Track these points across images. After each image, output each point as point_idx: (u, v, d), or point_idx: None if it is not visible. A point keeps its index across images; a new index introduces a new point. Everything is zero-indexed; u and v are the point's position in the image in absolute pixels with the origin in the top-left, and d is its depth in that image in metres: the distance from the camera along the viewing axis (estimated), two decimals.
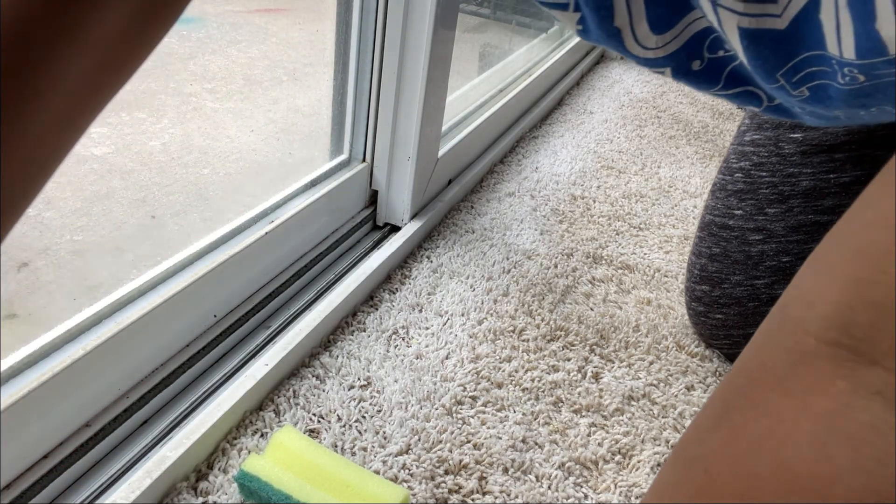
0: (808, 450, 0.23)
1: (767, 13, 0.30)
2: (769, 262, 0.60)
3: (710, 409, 0.29)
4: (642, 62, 0.39)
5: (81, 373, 0.43)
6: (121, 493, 0.40)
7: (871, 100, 0.31)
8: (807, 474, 0.23)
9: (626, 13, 0.36)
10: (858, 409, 0.23)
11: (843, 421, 0.23)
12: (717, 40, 0.37)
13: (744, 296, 0.61)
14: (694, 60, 0.39)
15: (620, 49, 0.39)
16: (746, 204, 0.61)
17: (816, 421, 0.24)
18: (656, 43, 0.37)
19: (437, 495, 0.47)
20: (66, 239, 0.72)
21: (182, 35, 1.47)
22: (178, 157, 0.94)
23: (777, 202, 0.59)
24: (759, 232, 0.60)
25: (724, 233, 0.62)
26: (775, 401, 0.25)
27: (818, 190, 0.58)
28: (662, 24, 0.36)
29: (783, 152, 0.59)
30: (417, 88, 0.68)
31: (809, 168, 0.58)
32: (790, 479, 0.24)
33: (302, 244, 0.66)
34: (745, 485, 0.25)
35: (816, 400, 0.24)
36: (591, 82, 1.48)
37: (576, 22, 0.39)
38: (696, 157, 1.14)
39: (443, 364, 0.58)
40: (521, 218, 0.85)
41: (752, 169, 0.61)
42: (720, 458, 0.27)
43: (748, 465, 0.25)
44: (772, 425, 0.25)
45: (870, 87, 0.29)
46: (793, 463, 0.24)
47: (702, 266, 0.64)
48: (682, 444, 0.30)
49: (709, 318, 0.64)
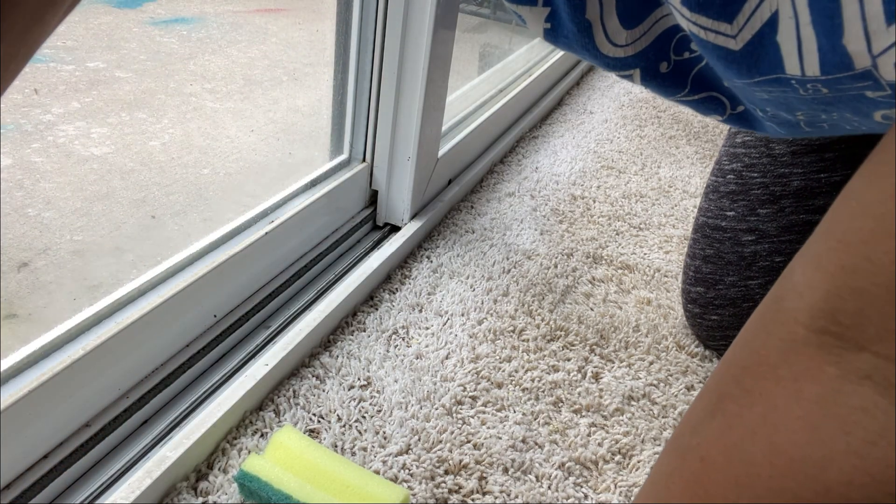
0: (800, 434, 0.24)
1: (720, 31, 0.29)
2: (762, 263, 0.60)
3: (704, 399, 0.30)
4: (611, 64, 0.39)
5: (81, 373, 0.43)
6: (121, 493, 0.40)
7: (833, 108, 0.31)
8: (800, 458, 0.24)
9: (597, 5, 0.36)
10: (848, 393, 0.23)
11: (834, 406, 0.24)
12: (684, 40, 0.37)
13: (738, 296, 0.61)
14: (662, 62, 0.39)
15: (590, 48, 0.38)
16: (738, 205, 0.61)
17: (808, 407, 0.24)
18: (626, 39, 0.37)
19: (437, 495, 0.47)
20: (66, 239, 0.72)
21: (182, 35, 1.47)
22: (178, 157, 0.94)
23: (769, 203, 0.59)
24: (751, 233, 0.60)
25: (717, 234, 0.62)
26: (768, 388, 0.26)
27: (809, 189, 0.58)
28: (632, 18, 0.37)
29: (774, 153, 0.59)
30: (417, 88, 0.68)
31: (800, 168, 0.58)
32: (784, 464, 0.24)
33: (302, 244, 0.66)
34: (741, 471, 0.25)
35: (807, 386, 0.25)
36: (591, 82, 1.48)
37: (544, 18, 0.39)
38: (696, 157, 1.14)
39: (443, 364, 0.58)
40: (521, 218, 0.85)
41: (744, 170, 0.61)
42: (715, 446, 0.27)
43: (743, 452, 0.26)
44: (765, 412, 0.26)
45: (832, 98, 0.29)
46: (787, 447, 0.24)
47: (696, 268, 0.64)
48: (677, 434, 0.30)
49: (705, 320, 0.64)
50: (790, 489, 0.24)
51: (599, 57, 0.39)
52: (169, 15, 1.60)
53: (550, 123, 1.20)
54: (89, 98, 1.08)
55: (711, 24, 0.29)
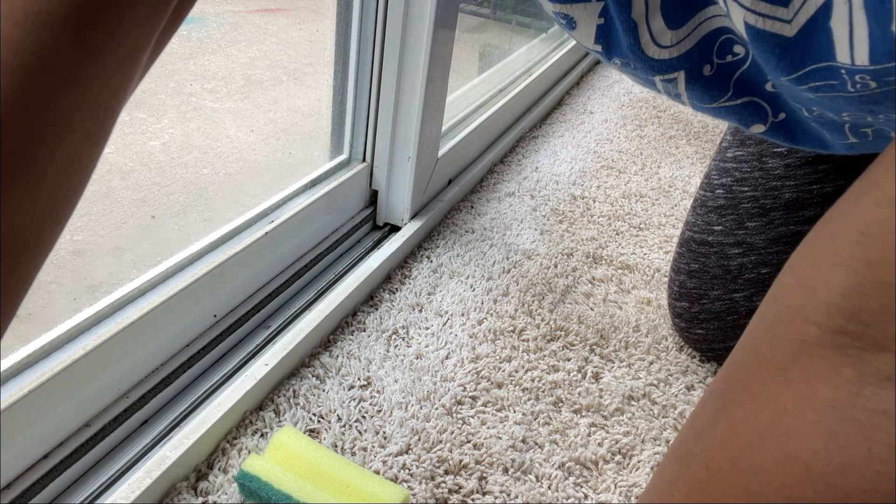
0: (816, 441, 0.23)
1: (777, 17, 0.29)
2: (748, 275, 0.60)
3: (707, 405, 0.29)
4: (656, 67, 0.39)
5: (81, 373, 0.43)
6: (121, 493, 0.40)
7: (880, 107, 0.30)
8: (817, 465, 0.23)
9: (643, 4, 0.36)
10: (868, 396, 0.22)
11: (853, 409, 0.22)
12: (727, 42, 0.37)
13: (723, 310, 0.61)
14: (705, 64, 0.38)
15: (635, 50, 0.38)
16: (726, 219, 0.61)
17: (823, 411, 0.23)
18: (671, 40, 0.38)
19: (437, 495, 0.47)
20: (66, 239, 0.72)
21: (182, 35, 1.47)
22: (178, 157, 0.94)
23: (758, 215, 0.59)
24: (738, 246, 0.60)
25: (703, 248, 0.62)
26: (776, 392, 0.25)
27: (800, 201, 0.58)
28: (677, 18, 0.37)
29: (766, 167, 0.59)
30: (417, 88, 0.68)
31: (793, 180, 0.58)
32: (800, 471, 0.23)
33: (302, 244, 0.66)
34: (750, 479, 0.24)
35: (821, 389, 0.23)
36: (591, 82, 1.48)
37: (598, 13, 0.39)
38: (696, 157, 1.14)
39: (443, 364, 0.58)
40: (521, 218, 0.85)
41: (734, 184, 0.61)
42: (720, 454, 0.26)
43: (751, 459, 0.25)
44: (773, 418, 0.25)
45: (879, 94, 0.29)
46: (801, 454, 0.23)
47: (681, 283, 0.64)
48: (679, 441, 0.30)
49: (691, 334, 0.64)
50: (807, 498, 0.23)
51: (644, 60, 0.39)
52: None
53: (550, 123, 1.20)
54: None
55: (769, 9, 0.29)
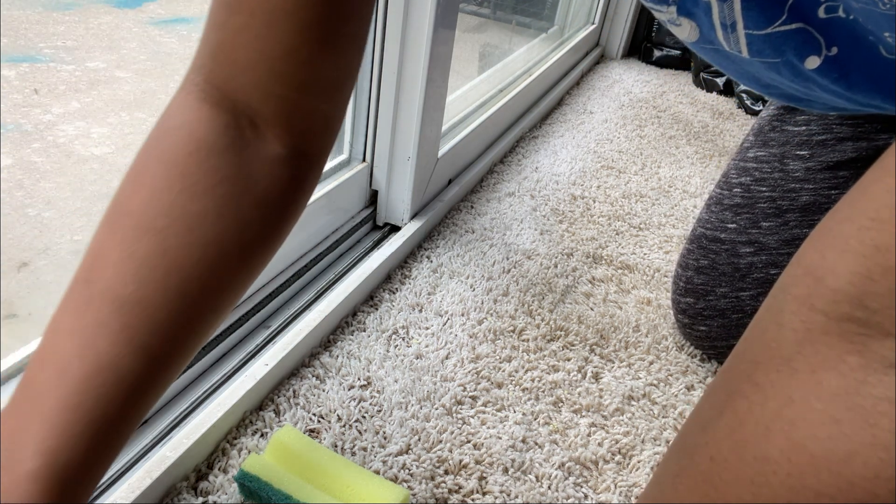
0: (821, 429, 0.23)
1: None
2: (757, 274, 0.60)
3: (711, 397, 0.29)
4: None
5: None
6: (121, 493, 0.40)
7: None
8: (822, 453, 0.23)
9: None
10: (873, 383, 0.22)
11: (858, 397, 0.22)
12: None
13: (728, 307, 0.61)
14: None
15: None
16: (741, 218, 0.61)
17: (829, 400, 0.23)
18: None
19: (437, 495, 0.47)
20: (66, 239, 0.72)
21: (182, 35, 1.47)
22: None
23: (773, 216, 0.59)
24: (750, 245, 0.60)
25: (714, 245, 0.62)
26: (782, 382, 0.25)
27: (817, 205, 0.58)
28: None
29: (787, 168, 0.59)
30: (417, 88, 0.68)
31: (812, 184, 0.58)
32: (805, 460, 0.23)
33: (302, 244, 0.66)
34: (755, 469, 0.24)
35: (827, 378, 0.23)
36: (591, 82, 1.48)
37: None
38: (696, 157, 1.14)
39: (443, 364, 0.58)
40: (521, 218, 0.85)
41: (753, 184, 0.61)
42: (726, 445, 0.26)
43: (757, 449, 0.25)
44: (779, 407, 0.25)
45: None
46: (806, 443, 0.23)
47: (687, 279, 0.64)
48: (683, 434, 0.29)
49: (693, 330, 0.64)
50: (811, 486, 0.23)
51: None
52: (169, 15, 1.60)
53: (550, 123, 1.20)
54: (89, 98, 1.08)
55: None
